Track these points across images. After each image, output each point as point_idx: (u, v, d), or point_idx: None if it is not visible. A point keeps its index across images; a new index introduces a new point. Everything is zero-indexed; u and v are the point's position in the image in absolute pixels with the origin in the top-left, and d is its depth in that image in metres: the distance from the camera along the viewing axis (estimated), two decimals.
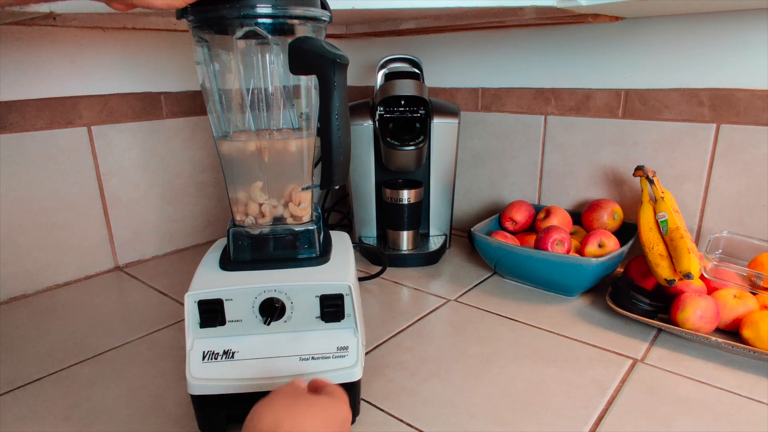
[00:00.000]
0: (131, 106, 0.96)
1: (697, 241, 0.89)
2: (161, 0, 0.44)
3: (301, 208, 0.60)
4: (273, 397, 0.42)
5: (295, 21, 0.53)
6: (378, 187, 1.01)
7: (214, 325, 0.55)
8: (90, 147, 0.92)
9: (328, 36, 0.61)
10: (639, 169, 0.85)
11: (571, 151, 0.99)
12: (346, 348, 0.55)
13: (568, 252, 0.83)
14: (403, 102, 0.95)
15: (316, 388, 0.46)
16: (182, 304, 0.57)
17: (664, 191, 0.82)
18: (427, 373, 0.65)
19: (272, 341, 0.56)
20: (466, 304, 0.83)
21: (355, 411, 0.56)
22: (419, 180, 1.00)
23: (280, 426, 0.39)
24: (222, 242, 0.64)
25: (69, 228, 0.92)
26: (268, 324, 0.55)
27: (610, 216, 0.90)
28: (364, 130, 0.97)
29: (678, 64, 0.85)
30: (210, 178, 1.10)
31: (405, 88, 0.95)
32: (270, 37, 0.52)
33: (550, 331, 0.74)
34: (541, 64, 0.99)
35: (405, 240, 1.00)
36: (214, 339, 0.55)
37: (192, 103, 1.04)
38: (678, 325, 0.69)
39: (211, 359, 0.53)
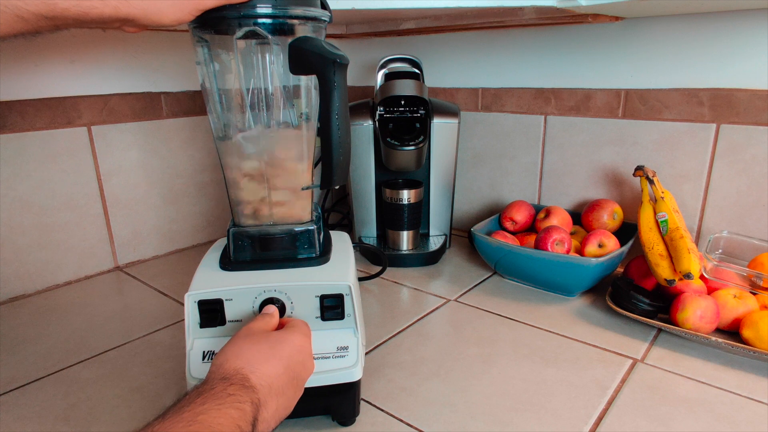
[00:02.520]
0: (131, 106, 0.96)
1: (697, 241, 0.89)
2: (170, 17, 0.46)
3: (301, 208, 0.60)
4: (228, 343, 0.47)
5: (295, 21, 0.53)
6: (378, 187, 1.01)
7: (214, 325, 0.55)
8: (90, 147, 0.92)
9: (328, 36, 0.61)
10: (639, 169, 0.85)
11: (571, 151, 0.99)
12: (346, 348, 0.55)
13: (568, 252, 0.83)
14: (403, 102, 0.95)
15: (281, 325, 0.51)
16: (182, 304, 0.57)
17: (664, 191, 0.82)
18: (427, 373, 0.65)
19: None
20: (466, 304, 0.83)
21: (354, 411, 0.56)
22: (419, 180, 1.00)
23: (225, 363, 0.44)
24: (222, 242, 0.64)
25: (69, 228, 0.92)
26: None
27: (610, 216, 0.90)
28: (364, 130, 0.97)
29: (678, 64, 0.85)
30: (210, 178, 1.10)
31: (405, 88, 0.95)
32: (270, 37, 0.52)
33: (550, 331, 0.74)
34: (541, 64, 0.99)
35: (405, 240, 1.00)
36: (214, 339, 0.55)
37: (192, 103, 1.04)
38: (678, 325, 0.69)
39: (211, 359, 0.53)
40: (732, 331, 0.70)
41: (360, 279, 0.92)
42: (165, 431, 0.35)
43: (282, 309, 0.55)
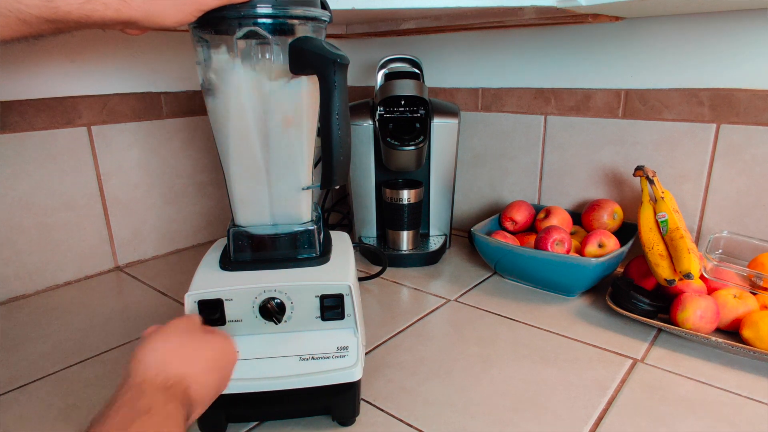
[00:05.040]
0: (131, 106, 0.96)
1: (697, 241, 0.89)
2: (172, 19, 0.46)
3: (302, 208, 0.60)
4: (163, 334, 0.43)
5: (295, 21, 0.53)
6: (378, 187, 1.01)
7: (213, 325, 0.55)
8: (90, 147, 0.92)
9: (328, 36, 0.61)
10: (639, 169, 0.85)
11: (571, 151, 0.99)
12: (346, 348, 0.55)
13: (568, 252, 0.83)
14: (403, 102, 0.95)
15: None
16: (182, 304, 0.56)
17: (664, 191, 0.82)
18: (427, 373, 0.65)
19: (272, 341, 0.56)
20: (466, 304, 0.83)
21: (354, 411, 0.56)
22: (419, 180, 1.00)
23: (168, 365, 0.40)
24: (222, 242, 0.64)
25: (69, 228, 0.92)
26: (278, 323, 0.54)
27: (610, 216, 0.90)
28: (364, 130, 0.97)
29: (678, 64, 0.85)
30: (210, 178, 1.10)
31: (405, 88, 0.95)
32: (270, 37, 0.52)
33: (550, 331, 0.74)
34: (541, 64, 0.99)
35: (405, 240, 1.00)
36: None
37: (192, 103, 1.04)
38: (678, 325, 0.69)
39: None
40: (732, 331, 0.70)
41: (360, 279, 0.92)
42: None
43: (282, 309, 0.55)
